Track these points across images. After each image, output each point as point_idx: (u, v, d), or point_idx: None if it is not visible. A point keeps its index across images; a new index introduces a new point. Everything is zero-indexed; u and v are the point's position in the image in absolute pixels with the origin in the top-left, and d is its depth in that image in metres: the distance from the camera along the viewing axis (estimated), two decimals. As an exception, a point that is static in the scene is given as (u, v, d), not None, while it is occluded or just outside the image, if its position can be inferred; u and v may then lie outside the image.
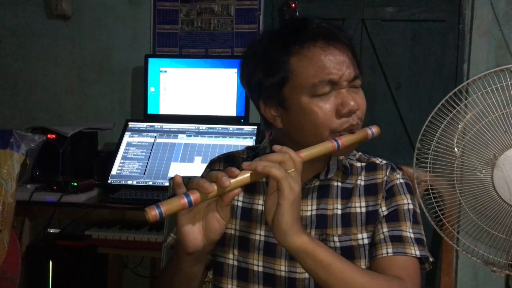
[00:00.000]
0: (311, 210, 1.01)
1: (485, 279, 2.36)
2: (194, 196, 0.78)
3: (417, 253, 0.95)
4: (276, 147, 0.85)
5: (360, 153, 1.08)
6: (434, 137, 1.32)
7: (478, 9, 2.35)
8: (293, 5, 2.35)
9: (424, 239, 1.00)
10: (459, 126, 1.31)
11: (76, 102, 2.65)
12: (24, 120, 2.58)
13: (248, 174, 0.82)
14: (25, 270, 2.00)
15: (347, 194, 1.02)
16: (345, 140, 0.91)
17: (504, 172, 1.23)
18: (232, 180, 0.80)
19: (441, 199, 1.36)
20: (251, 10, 2.50)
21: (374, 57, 2.49)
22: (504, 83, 1.26)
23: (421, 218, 1.02)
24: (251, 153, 1.10)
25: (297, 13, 2.35)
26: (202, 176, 1.11)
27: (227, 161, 1.10)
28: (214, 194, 0.80)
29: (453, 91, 1.32)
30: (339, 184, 1.03)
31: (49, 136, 2.13)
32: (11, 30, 2.66)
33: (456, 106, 1.31)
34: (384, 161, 1.07)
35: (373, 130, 0.95)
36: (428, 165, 1.33)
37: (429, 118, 1.34)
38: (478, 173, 1.28)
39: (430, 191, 1.35)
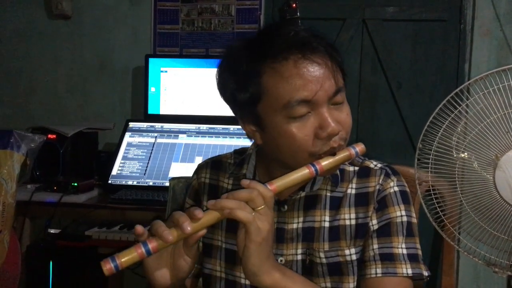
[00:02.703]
0: (298, 223, 0.95)
1: (486, 280, 2.35)
2: (153, 244, 0.75)
3: (409, 271, 0.90)
4: (244, 182, 0.79)
5: None
6: (436, 137, 1.32)
7: (479, 9, 2.34)
8: (294, 5, 2.33)
9: (419, 253, 0.93)
10: (460, 126, 1.30)
11: (76, 102, 2.65)
12: (24, 120, 2.57)
13: (213, 216, 0.78)
14: (26, 270, 1.99)
15: (336, 205, 0.95)
16: (324, 164, 0.84)
17: (506, 173, 1.23)
18: (196, 224, 0.76)
19: (442, 200, 1.35)
20: (252, 10, 2.49)
21: (375, 57, 2.49)
22: (506, 83, 1.25)
23: (417, 227, 0.96)
24: (239, 157, 1.04)
25: (298, 13, 2.34)
26: (186, 190, 1.09)
27: (214, 167, 1.06)
28: (176, 239, 0.76)
29: (454, 91, 1.31)
30: (328, 193, 0.96)
31: (49, 136, 2.12)
32: (12, 30, 2.66)
33: (457, 106, 1.30)
34: (379, 165, 0.98)
35: (357, 149, 0.87)
36: (430, 165, 1.33)
37: (430, 118, 1.33)
38: (481, 174, 1.27)
39: (432, 192, 1.35)
